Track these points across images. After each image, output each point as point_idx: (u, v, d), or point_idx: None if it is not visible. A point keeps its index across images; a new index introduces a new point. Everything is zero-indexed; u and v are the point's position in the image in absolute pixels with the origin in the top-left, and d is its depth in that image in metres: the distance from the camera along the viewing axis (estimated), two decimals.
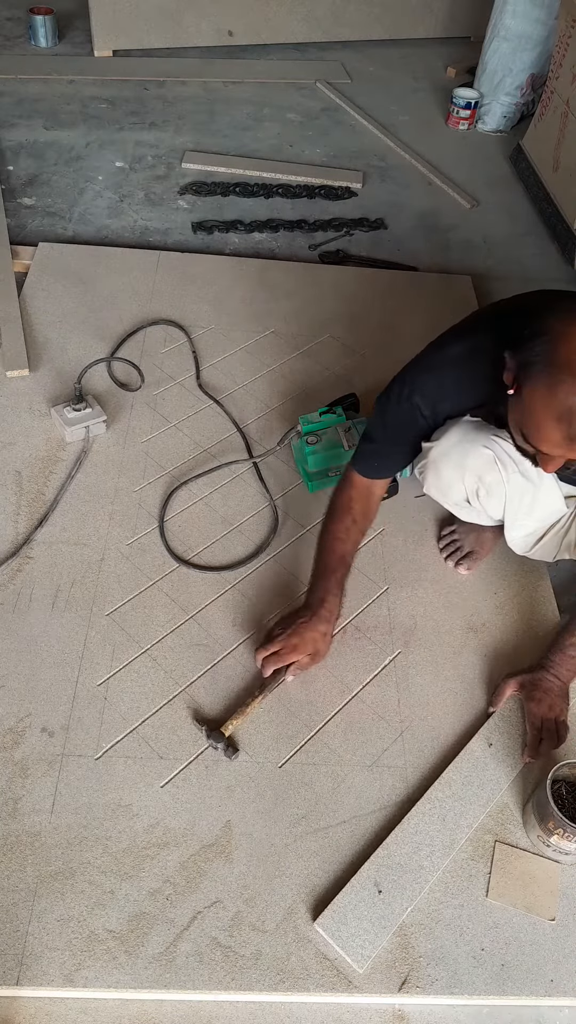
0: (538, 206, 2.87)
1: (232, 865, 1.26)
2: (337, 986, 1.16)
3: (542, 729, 1.42)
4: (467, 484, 1.46)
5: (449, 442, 1.42)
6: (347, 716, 1.45)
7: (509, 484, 1.44)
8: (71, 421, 1.85)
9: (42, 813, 1.28)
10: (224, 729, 1.38)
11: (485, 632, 1.60)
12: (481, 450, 1.40)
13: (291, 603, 1.60)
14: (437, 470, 1.47)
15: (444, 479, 1.48)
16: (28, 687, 1.43)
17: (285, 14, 3.61)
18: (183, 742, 1.38)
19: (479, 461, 1.41)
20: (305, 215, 2.73)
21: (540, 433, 1.16)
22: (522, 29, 3.05)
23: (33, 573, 1.60)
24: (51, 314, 2.19)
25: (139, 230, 2.61)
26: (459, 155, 3.16)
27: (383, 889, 1.24)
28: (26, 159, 2.87)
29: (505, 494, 1.46)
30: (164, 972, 1.15)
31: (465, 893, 1.26)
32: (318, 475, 1.82)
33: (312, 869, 1.26)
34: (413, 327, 2.27)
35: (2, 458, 1.81)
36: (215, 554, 1.68)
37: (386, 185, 2.95)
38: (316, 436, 1.81)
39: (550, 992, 1.18)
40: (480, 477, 1.44)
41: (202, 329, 2.21)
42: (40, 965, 1.14)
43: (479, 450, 1.40)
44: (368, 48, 3.79)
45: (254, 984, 1.15)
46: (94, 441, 1.86)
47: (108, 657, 1.49)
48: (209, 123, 3.19)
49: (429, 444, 1.44)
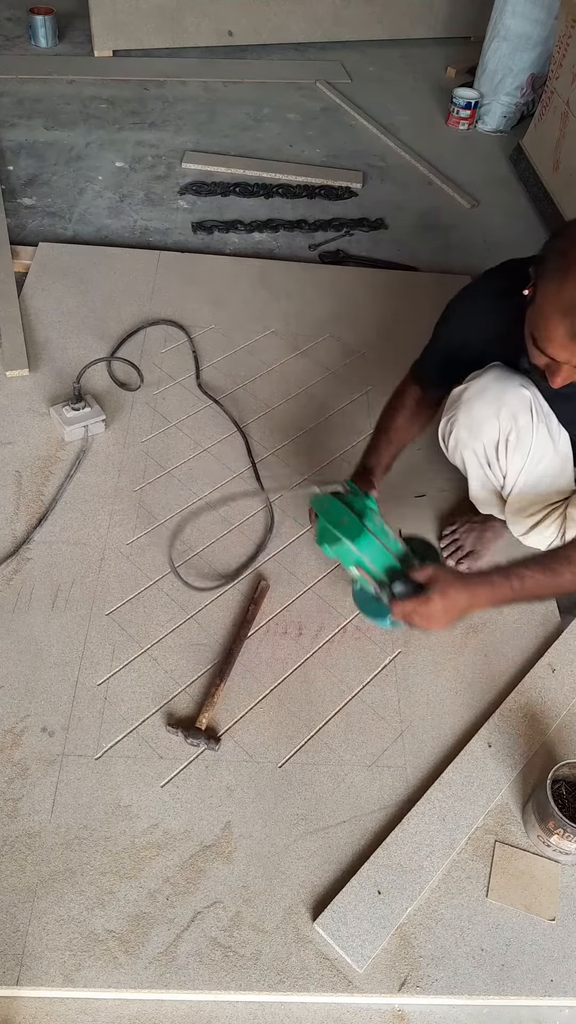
0: (538, 206, 2.87)
1: (232, 865, 1.26)
2: (337, 986, 1.16)
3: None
4: (502, 422, 1.42)
5: (487, 379, 1.42)
6: (347, 716, 1.45)
7: (536, 435, 1.42)
8: (70, 420, 1.85)
9: (42, 813, 1.28)
10: (199, 724, 1.39)
11: (485, 632, 1.60)
12: (519, 389, 1.39)
13: (291, 602, 1.61)
14: (470, 408, 1.44)
15: (476, 415, 1.43)
16: (28, 687, 1.43)
17: (285, 14, 3.61)
18: (183, 742, 1.38)
19: (516, 399, 1.40)
20: (305, 215, 2.73)
21: (546, 330, 1.17)
22: (522, 29, 3.06)
23: (33, 573, 1.60)
24: (51, 314, 2.19)
25: (139, 230, 2.61)
26: (459, 155, 3.16)
27: (383, 889, 1.24)
28: (26, 159, 2.87)
29: (530, 447, 1.43)
30: (164, 972, 1.15)
31: (465, 893, 1.26)
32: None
33: (312, 869, 1.26)
34: (413, 327, 2.26)
35: (2, 458, 1.81)
36: (215, 553, 1.68)
37: (386, 185, 2.95)
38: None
39: (550, 992, 1.18)
40: (515, 417, 1.41)
41: (202, 329, 2.21)
42: (40, 965, 1.14)
43: (517, 388, 1.39)
44: (368, 48, 3.79)
45: (254, 984, 1.15)
46: (93, 440, 1.86)
47: (108, 657, 1.49)
48: (209, 123, 3.19)
49: (460, 388, 1.44)
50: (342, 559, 1.38)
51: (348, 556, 1.35)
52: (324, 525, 1.36)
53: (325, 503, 1.39)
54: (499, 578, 1.28)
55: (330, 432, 1.97)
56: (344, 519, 1.34)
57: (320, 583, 1.65)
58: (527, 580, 1.27)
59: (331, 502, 1.38)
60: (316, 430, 1.97)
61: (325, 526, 1.36)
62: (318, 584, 1.65)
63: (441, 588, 1.26)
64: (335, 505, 1.38)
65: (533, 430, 1.42)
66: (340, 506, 1.37)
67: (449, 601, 1.26)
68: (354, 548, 1.33)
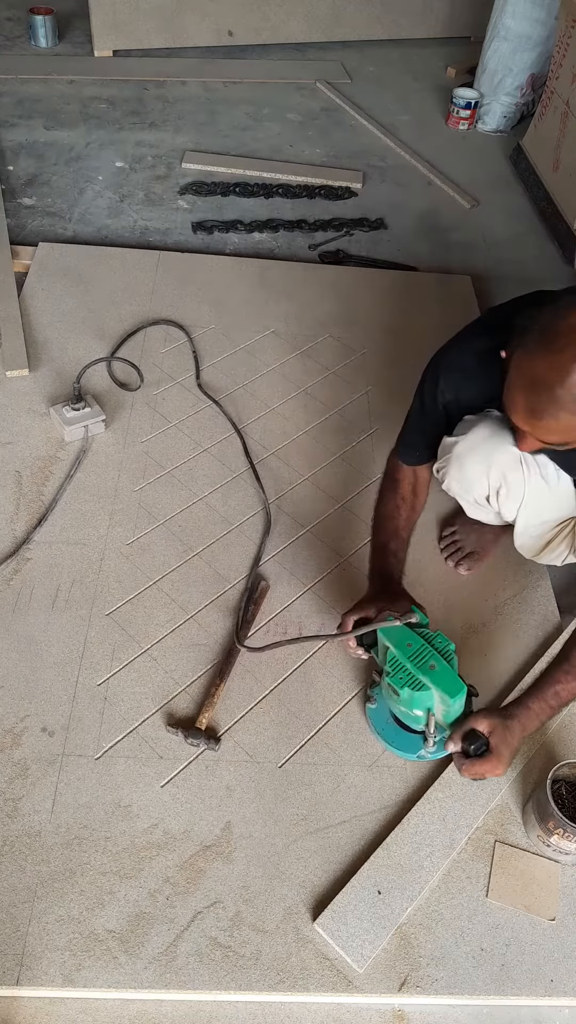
0: (538, 206, 2.87)
1: (232, 865, 1.26)
2: (337, 986, 1.16)
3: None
4: (491, 480, 1.45)
5: (477, 437, 1.41)
6: (347, 716, 1.45)
7: (529, 485, 1.43)
8: (70, 420, 1.85)
9: (42, 813, 1.28)
10: (199, 724, 1.39)
11: (485, 632, 1.60)
12: (508, 447, 1.38)
13: (290, 601, 1.61)
14: (461, 465, 1.45)
15: (468, 474, 1.45)
16: (28, 687, 1.43)
17: (285, 14, 3.61)
18: (183, 742, 1.38)
19: (506, 458, 1.40)
20: (305, 215, 2.73)
21: (511, 401, 1.18)
22: (522, 29, 3.06)
23: (33, 573, 1.60)
24: (51, 314, 2.19)
25: (139, 230, 2.61)
26: (459, 155, 3.16)
27: (383, 889, 1.24)
28: (26, 159, 2.87)
29: (524, 496, 1.45)
30: (164, 972, 1.15)
31: (465, 893, 1.26)
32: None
33: (312, 869, 1.26)
34: (413, 327, 2.27)
35: (2, 458, 1.81)
36: (215, 553, 1.68)
37: (386, 185, 2.95)
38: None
39: (550, 992, 1.17)
40: (504, 475, 1.43)
41: (202, 329, 2.21)
42: (40, 965, 1.14)
43: (506, 447, 1.38)
44: (368, 48, 3.79)
45: (254, 984, 1.15)
46: (93, 440, 1.86)
47: (108, 657, 1.49)
48: (209, 123, 3.19)
49: (453, 439, 1.44)
50: (412, 703, 1.25)
51: (423, 703, 1.25)
52: (404, 665, 1.23)
53: (404, 637, 1.25)
54: (536, 703, 1.29)
55: (330, 432, 1.97)
56: (434, 664, 1.23)
57: (320, 583, 1.65)
58: (562, 693, 1.30)
59: (413, 638, 1.25)
60: (316, 430, 1.97)
61: (405, 667, 1.23)
62: (318, 584, 1.65)
63: (502, 738, 1.25)
64: (419, 643, 1.25)
65: (525, 482, 1.43)
66: (425, 646, 1.25)
67: (510, 750, 1.26)
68: (441, 701, 1.23)
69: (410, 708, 1.27)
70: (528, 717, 1.28)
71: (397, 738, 1.39)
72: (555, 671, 1.31)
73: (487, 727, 1.26)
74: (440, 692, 1.22)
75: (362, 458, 1.91)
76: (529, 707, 1.28)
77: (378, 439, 1.95)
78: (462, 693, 1.23)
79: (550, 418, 1.15)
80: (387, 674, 1.26)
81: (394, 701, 1.30)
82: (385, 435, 1.95)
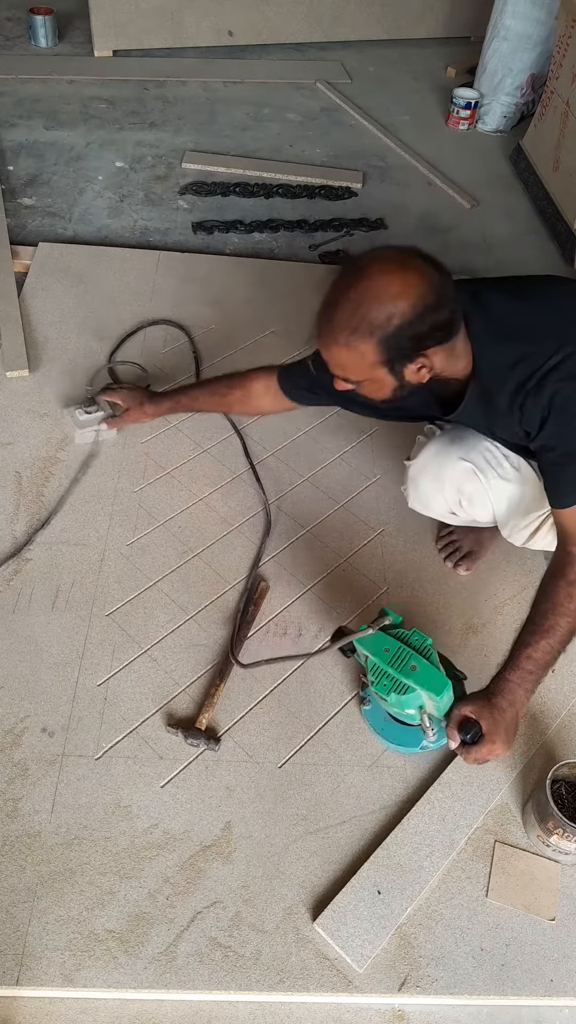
0: (538, 206, 2.87)
1: (232, 865, 1.26)
2: (337, 986, 1.16)
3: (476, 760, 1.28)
4: (447, 497, 1.49)
5: (425, 457, 1.47)
6: (347, 716, 1.45)
7: (492, 490, 1.45)
8: (82, 424, 1.84)
9: (42, 813, 1.28)
10: (199, 724, 1.39)
11: (485, 632, 1.60)
12: (457, 462, 1.42)
13: (290, 602, 1.61)
14: (416, 485, 1.52)
15: (423, 493, 1.52)
16: (28, 687, 1.43)
17: (285, 14, 3.61)
18: (183, 742, 1.38)
19: (455, 473, 1.44)
20: (305, 215, 2.73)
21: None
22: (522, 29, 3.05)
23: (33, 574, 1.60)
24: (51, 314, 2.19)
25: (139, 230, 2.61)
26: (459, 155, 3.16)
27: (383, 889, 1.24)
28: (26, 159, 2.87)
29: (490, 500, 1.47)
30: (164, 972, 1.15)
31: (465, 893, 1.26)
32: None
33: (312, 869, 1.26)
34: None
35: (2, 458, 1.81)
36: (215, 554, 1.68)
37: (386, 185, 2.95)
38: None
39: (550, 992, 1.18)
40: (459, 488, 1.46)
41: (202, 329, 2.21)
42: (40, 965, 1.14)
43: (455, 463, 1.42)
44: (368, 48, 3.79)
45: (254, 984, 1.15)
46: (103, 444, 1.86)
47: (108, 657, 1.49)
48: (209, 123, 3.19)
49: (409, 461, 1.49)
50: (402, 705, 1.25)
51: (411, 703, 1.26)
52: (386, 672, 1.24)
53: (380, 643, 1.26)
54: (514, 674, 1.24)
55: (330, 432, 1.97)
56: (414, 665, 1.23)
57: (320, 583, 1.65)
58: (535, 655, 1.24)
59: (389, 642, 1.26)
60: (316, 430, 1.97)
61: (388, 673, 1.24)
62: (318, 584, 1.65)
63: (491, 719, 1.22)
64: (396, 647, 1.25)
65: (485, 488, 1.45)
66: (402, 648, 1.25)
67: (505, 727, 1.23)
68: (429, 698, 1.23)
69: (402, 709, 1.28)
70: (511, 690, 1.24)
71: (397, 734, 1.40)
72: (522, 636, 1.26)
73: (474, 712, 1.23)
74: (425, 691, 1.22)
75: (362, 458, 1.91)
76: (507, 679, 1.24)
77: (378, 439, 1.95)
78: (447, 688, 1.23)
79: (323, 346, 1.22)
80: (372, 683, 1.27)
81: (384, 706, 1.32)
82: (385, 435, 1.95)
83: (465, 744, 1.24)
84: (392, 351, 1.16)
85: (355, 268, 1.17)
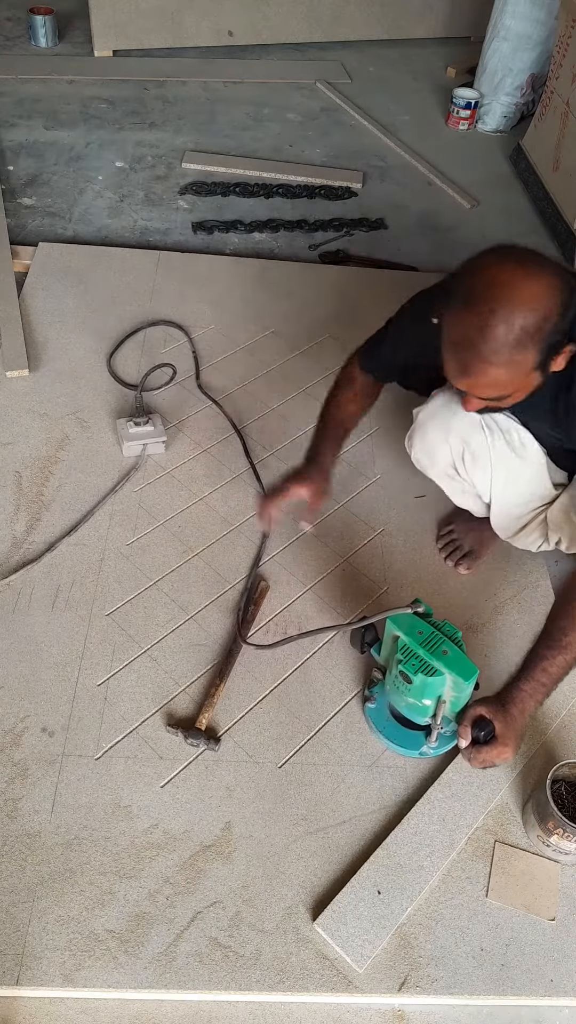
0: (538, 206, 2.87)
1: (232, 865, 1.26)
2: (337, 986, 1.16)
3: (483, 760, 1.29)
4: (452, 446, 1.47)
5: (436, 404, 1.45)
6: (347, 716, 1.45)
7: (494, 450, 1.44)
8: (130, 436, 1.81)
9: (42, 813, 1.28)
10: (199, 724, 1.39)
11: (485, 632, 1.60)
12: (467, 413, 1.38)
13: (290, 601, 1.61)
14: (423, 432, 1.49)
15: (429, 441, 1.49)
16: (28, 687, 1.43)
17: (285, 14, 3.61)
18: (183, 742, 1.38)
19: (464, 423, 1.42)
20: (305, 215, 2.73)
21: (445, 363, 1.19)
22: (522, 29, 3.05)
23: (33, 573, 1.60)
24: (51, 314, 2.19)
25: (139, 230, 2.61)
26: (459, 155, 3.16)
27: (383, 889, 1.24)
28: (26, 159, 2.87)
29: (490, 461, 1.46)
30: (164, 972, 1.15)
31: (465, 893, 1.26)
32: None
33: (312, 869, 1.26)
34: None
35: (2, 458, 1.81)
36: (215, 553, 1.68)
37: (386, 185, 2.95)
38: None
39: (550, 992, 1.18)
40: (466, 440, 1.44)
41: (202, 329, 2.21)
42: (40, 965, 1.14)
43: (465, 413, 1.37)
44: (368, 48, 3.79)
45: (254, 984, 1.15)
46: (148, 460, 1.84)
47: (108, 657, 1.49)
48: (209, 123, 3.19)
49: (418, 408, 1.47)
50: (424, 690, 1.25)
51: (435, 690, 1.25)
52: (417, 652, 1.24)
53: (414, 625, 1.27)
54: (528, 684, 1.26)
55: None
56: (446, 650, 1.24)
57: (320, 583, 1.65)
58: (550, 669, 1.26)
59: (422, 625, 1.27)
60: None
61: (419, 655, 1.24)
62: (318, 584, 1.65)
63: (504, 723, 1.24)
64: (429, 630, 1.26)
65: (489, 446, 1.44)
66: (435, 632, 1.26)
67: (515, 733, 1.25)
68: (454, 687, 1.24)
69: (421, 697, 1.27)
70: (523, 699, 1.26)
71: (398, 736, 1.39)
72: (540, 648, 1.28)
73: (489, 713, 1.26)
74: (454, 676, 1.23)
75: (362, 458, 1.91)
76: (521, 689, 1.26)
77: (378, 439, 1.95)
78: (475, 676, 1.24)
79: (479, 374, 1.16)
80: (398, 662, 1.26)
81: (401, 693, 1.30)
82: (385, 435, 1.95)
83: (476, 743, 1.25)
84: (548, 351, 1.15)
85: (479, 292, 1.12)
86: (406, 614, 1.29)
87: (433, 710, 1.30)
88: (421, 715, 1.33)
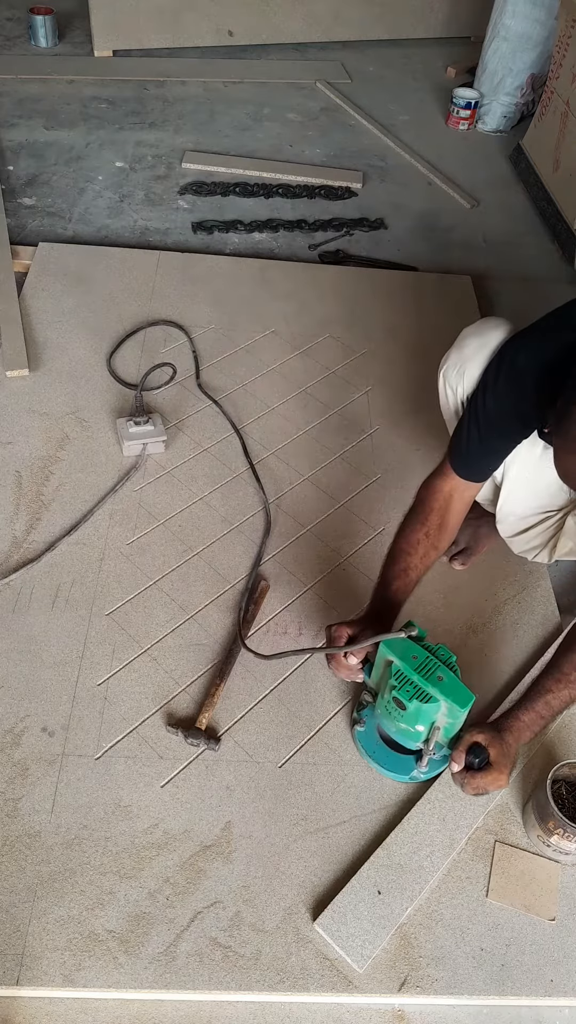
0: (538, 206, 2.87)
1: (232, 865, 1.26)
2: (337, 986, 1.16)
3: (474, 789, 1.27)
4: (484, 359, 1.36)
5: (483, 324, 1.39)
6: (347, 716, 1.45)
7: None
8: (131, 436, 1.81)
9: (42, 813, 1.28)
10: (199, 724, 1.39)
11: (485, 632, 1.60)
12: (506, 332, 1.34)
13: (290, 601, 1.61)
14: (462, 346, 1.38)
15: (466, 353, 1.37)
16: (28, 687, 1.43)
17: (285, 14, 3.61)
18: (183, 742, 1.38)
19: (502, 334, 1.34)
20: (305, 215, 2.73)
21: (563, 464, 1.13)
22: (522, 29, 3.05)
23: (33, 573, 1.60)
24: (51, 314, 2.19)
25: (139, 230, 2.61)
26: (459, 155, 3.16)
27: (383, 889, 1.24)
28: (26, 159, 2.87)
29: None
30: (164, 972, 1.15)
31: (465, 893, 1.26)
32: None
33: (312, 869, 1.26)
34: (413, 327, 2.27)
35: (2, 458, 1.81)
36: (215, 553, 1.68)
37: (386, 185, 2.95)
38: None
39: (550, 992, 1.17)
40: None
41: (202, 329, 2.21)
42: (40, 965, 1.14)
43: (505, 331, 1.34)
44: (368, 48, 3.79)
45: (254, 984, 1.15)
46: (148, 459, 1.83)
47: (108, 657, 1.49)
48: (209, 123, 3.19)
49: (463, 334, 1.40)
50: (418, 716, 1.22)
51: (429, 716, 1.22)
52: (411, 679, 1.20)
53: (408, 650, 1.22)
54: (527, 715, 1.26)
55: (330, 432, 1.97)
56: (441, 676, 1.20)
57: (320, 583, 1.65)
58: (552, 702, 1.26)
59: (417, 650, 1.22)
60: (316, 430, 1.97)
61: (413, 680, 1.20)
62: (318, 584, 1.65)
63: (499, 750, 1.24)
64: (424, 655, 1.22)
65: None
66: (430, 657, 1.22)
67: (509, 761, 1.25)
68: (448, 713, 1.21)
69: (414, 723, 1.23)
70: (520, 729, 1.27)
71: (388, 760, 1.37)
72: (545, 680, 1.29)
73: (485, 740, 1.25)
74: (449, 703, 1.19)
75: (362, 458, 1.91)
76: (520, 719, 1.27)
77: (378, 439, 1.95)
78: (471, 702, 1.20)
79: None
80: (392, 688, 1.22)
81: (393, 718, 1.26)
82: (385, 435, 1.95)
83: (470, 769, 1.24)
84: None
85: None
86: (400, 639, 1.23)
87: (426, 736, 1.27)
88: (413, 740, 1.29)
